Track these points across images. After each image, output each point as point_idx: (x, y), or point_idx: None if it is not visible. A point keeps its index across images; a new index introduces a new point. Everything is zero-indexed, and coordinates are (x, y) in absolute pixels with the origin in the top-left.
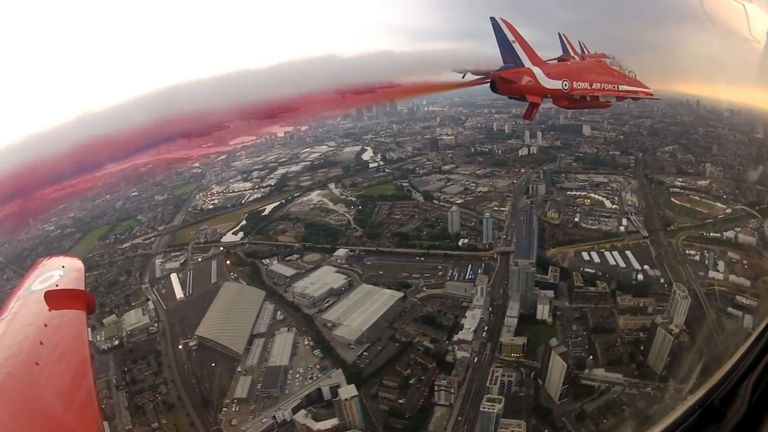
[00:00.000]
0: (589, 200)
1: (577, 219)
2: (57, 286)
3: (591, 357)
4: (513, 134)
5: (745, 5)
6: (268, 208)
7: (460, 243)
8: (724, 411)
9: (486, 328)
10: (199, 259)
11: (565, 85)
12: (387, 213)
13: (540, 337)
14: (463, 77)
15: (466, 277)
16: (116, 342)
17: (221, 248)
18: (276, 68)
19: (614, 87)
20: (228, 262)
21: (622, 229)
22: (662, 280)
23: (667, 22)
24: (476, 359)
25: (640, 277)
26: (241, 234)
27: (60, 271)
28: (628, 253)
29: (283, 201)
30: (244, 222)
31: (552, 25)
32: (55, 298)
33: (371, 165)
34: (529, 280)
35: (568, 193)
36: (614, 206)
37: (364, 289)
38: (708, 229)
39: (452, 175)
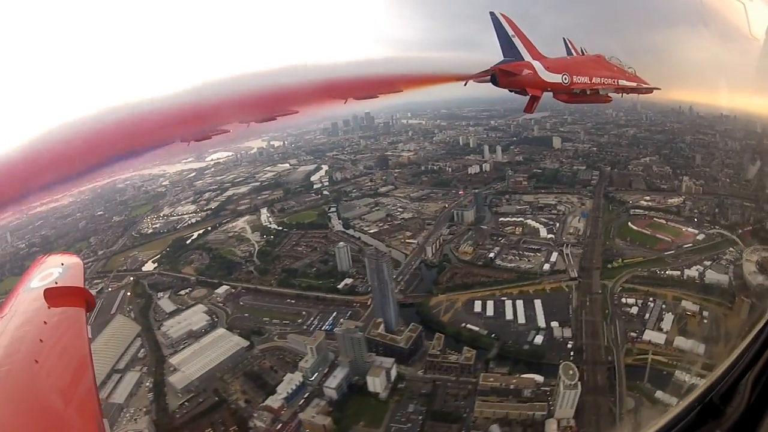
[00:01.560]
0: (521, 228)
1: (493, 254)
2: (56, 283)
3: None
4: (475, 149)
5: (745, 4)
6: (195, 235)
7: (341, 285)
8: (724, 407)
9: (306, 395)
10: (110, 289)
11: (565, 78)
12: (294, 244)
13: (366, 414)
14: (465, 84)
15: (322, 327)
16: None
17: (131, 278)
18: (279, 71)
19: (614, 81)
20: (129, 293)
21: (546, 267)
22: (570, 345)
23: (661, 26)
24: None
25: (539, 339)
26: (156, 264)
27: (59, 268)
28: (538, 302)
29: (209, 228)
30: (167, 250)
31: (542, 32)
32: (55, 296)
33: (315, 186)
34: (356, 345)
35: (502, 219)
36: (550, 236)
37: (217, 334)
38: (665, 263)
39: (386, 198)
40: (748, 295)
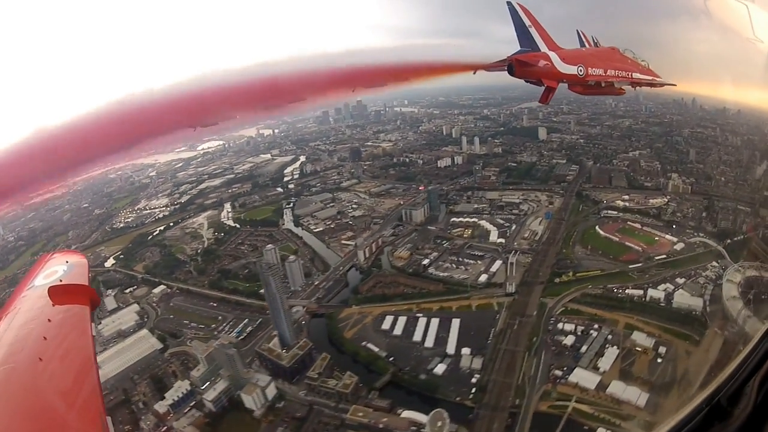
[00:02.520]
0: (471, 231)
1: (428, 261)
2: (61, 281)
3: None
4: (457, 140)
5: (748, 5)
6: (157, 231)
7: (263, 290)
8: (731, 410)
9: (193, 404)
10: None
11: (581, 70)
12: (239, 243)
13: (236, 431)
14: (473, 73)
15: (230, 334)
16: None
17: (90, 274)
18: (284, 60)
19: (628, 74)
20: None
21: (483, 278)
22: (475, 380)
23: (663, 18)
24: None
25: (440, 368)
26: (115, 261)
27: (64, 266)
28: (456, 322)
29: (171, 224)
30: (129, 245)
31: (543, 21)
32: (59, 294)
33: (285, 179)
34: (230, 361)
35: (454, 219)
36: (500, 240)
37: (140, 335)
38: (627, 279)
39: (345, 193)
40: (723, 327)
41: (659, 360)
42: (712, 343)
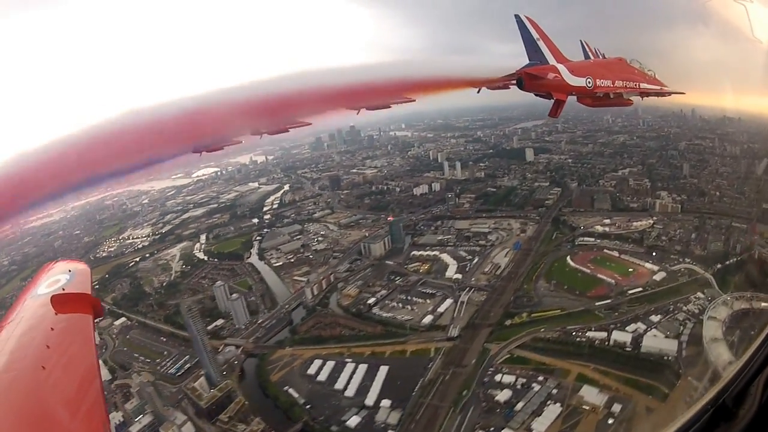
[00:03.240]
0: (429, 265)
1: (374, 300)
2: (63, 290)
3: None
4: (440, 165)
5: (746, 5)
6: (132, 262)
7: (210, 326)
8: (736, 410)
9: None
10: None
11: (589, 82)
12: (202, 276)
13: None
14: (478, 92)
15: (171, 370)
16: None
17: None
18: (285, 78)
19: (636, 85)
20: None
21: (428, 320)
22: None
23: (660, 27)
24: None
25: (354, 421)
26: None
27: (67, 275)
28: (383, 369)
29: (147, 255)
30: (106, 276)
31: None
32: (62, 302)
33: (264, 209)
34: (148, 398)
35: (414, 252)
36: (457, 276)
37: None
38: (590, 319)
39: (315, 225)
40: (701, 376)
41: (610, 420)
42: (681, 397)
